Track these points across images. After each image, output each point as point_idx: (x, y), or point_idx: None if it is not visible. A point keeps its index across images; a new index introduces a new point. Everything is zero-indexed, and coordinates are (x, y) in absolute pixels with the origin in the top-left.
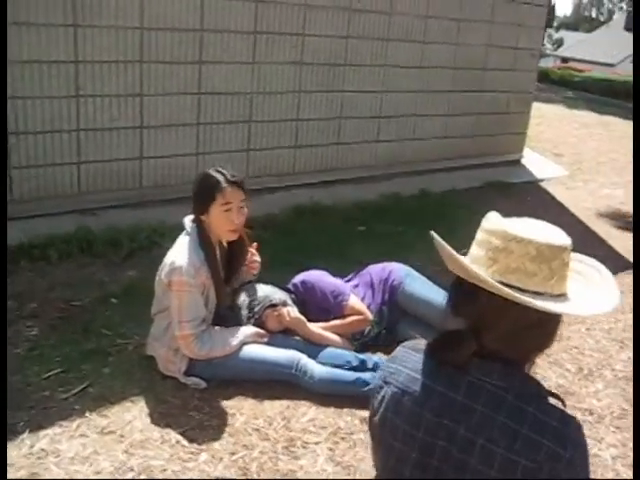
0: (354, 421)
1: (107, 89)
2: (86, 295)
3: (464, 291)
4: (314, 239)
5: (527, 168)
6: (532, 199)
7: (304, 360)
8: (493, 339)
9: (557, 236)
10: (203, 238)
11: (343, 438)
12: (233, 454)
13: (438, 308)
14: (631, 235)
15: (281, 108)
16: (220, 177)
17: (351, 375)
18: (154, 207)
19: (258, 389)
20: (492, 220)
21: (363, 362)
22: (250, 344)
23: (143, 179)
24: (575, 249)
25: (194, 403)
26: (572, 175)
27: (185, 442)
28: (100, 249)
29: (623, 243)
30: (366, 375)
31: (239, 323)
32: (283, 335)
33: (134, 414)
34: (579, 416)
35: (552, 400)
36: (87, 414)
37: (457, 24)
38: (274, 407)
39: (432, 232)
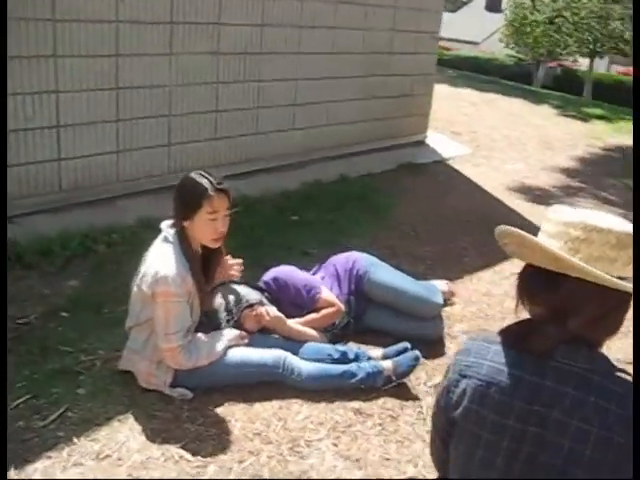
0: (348, 414)
1: (19, 87)
2: (31, 311)
3: (544, 280)
4: (255, 233)
5: (433, 148)
6: (444, 178)
7: (290, 358)
8: (579, 324)
9: (628, 225)
10: (186, 246)
11: (343, 432)
12: (241, 462)
13: (406, 294)
14: (542, 209)
15: (200, 100)
16: (207, 184)
17: (337, 368)
18: (78, 210)
19: (245, 392)
20: (566, 213)
21: (344, 354)
22: (233, 348)
23: (62, 181)
24: (496, 224)
25: (185, 414)
26: (474, 153)
27: (189, 456)
28: (32, 260)
29: (538, 217)
30: (352, 367)
31: (217, 327)
32: (262, 334)
33: (126, 434)
34: None
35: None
36: (75, 440)
37: (364, 9)
38: (266, 409)
39: (503, 226)
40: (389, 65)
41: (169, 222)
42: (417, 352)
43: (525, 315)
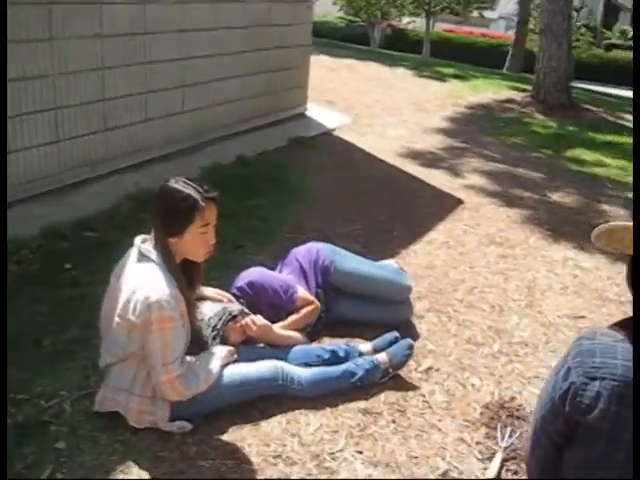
0: (357, 416)
1: None
2: None
3: None
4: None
5: (315, 120)
6: (338, 150)
7: (287, 368)
8: None
9: None
10: (172, 264)
11: (360, 436)
12: None
13: (375, 280)
14: (438, 172)
15: (86, 89)
16: (196, 194)
17: (336, 370)
18: None
19: (245, 412)
20: None
21: (334, 353)
22: (226, 366)
23: None
24: (405, 193)
25: (193, 450)
26: (355, 121)
27: None
28: None
29: (438, 180)
30: (350, 366)
31: (203, 346)
32: (246, 346)
33: None
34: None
35: None
36: None
37: None
38: (274, 426)
39: (609, 224)
40: (269, 38)
41: (144, 237)
42: (410, 340)
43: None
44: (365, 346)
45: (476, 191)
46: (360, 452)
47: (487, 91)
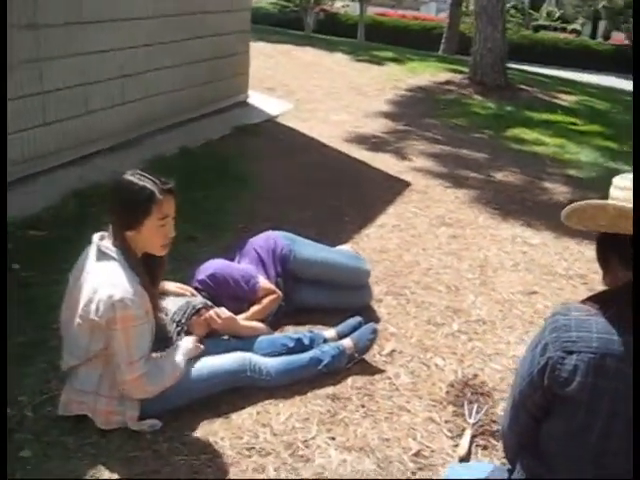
0: (326, 402)
1: None
2: None
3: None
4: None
5: (257, 107)
6: (284, 137)
7: (254, 359)
8: None
9: None
10: (133, 259)
11: (332, 423)
12: None
13: (334, 266)
14: (385, 155)
15: (21, 81)
16: (153, 186)
17: (302, 358)
18: None
19: (214, 406)
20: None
21: (299, 341)
22: (193, 360)
23: None
24: (354, 178)
25: (166, 447)
26: (297, 107)
27: None
28: None
29: (385, 164)
30: (316, 353)
31: (168, 342)
32: (211, 339)
33: None
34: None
35: None
36: None
37: None
38: (245, 418)
39: (579, 203)
40: (207, 26)
41: (102, 234)
42: (373, 325)
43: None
44: (329, 332)
45: (423, 173)
46: (333, 438)
47: (425, 73)
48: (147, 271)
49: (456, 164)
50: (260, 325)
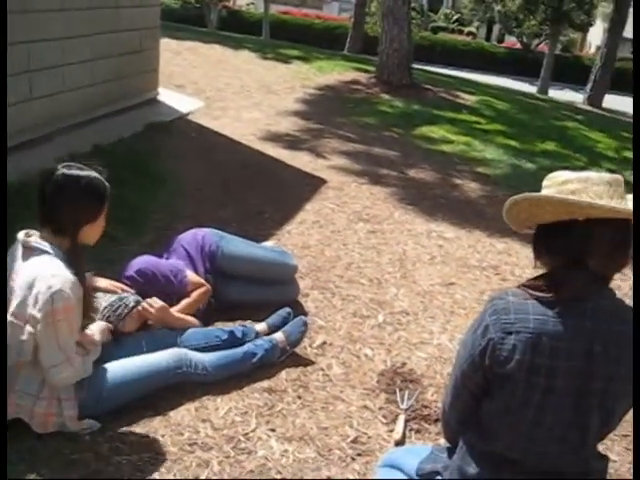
0: (263, 395)
1: None
2: None
3: (559, 231)
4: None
5: (168, 104)
6: (197, 135)
7: (190, 354)
8: (598, 264)
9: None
10: (75, 252)
11: (270, 415)
12: (198, 478)
13: (262, 262)
14: (300, 153)
15: None
16: (102, 178)
17: (237, 352)
18: None
19: (151, 404)
20: (560, 174)
21: (232, 334)
22: (129, 360)
23: None
24: (271, 175)
25: (106, 447)
26: (208, 105)
27: None
28: None
29: (300, 162)
30: (250, 347)
31: None
32: (146, 332)
33: None
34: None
35: None
36: None
37: None
38: (184, 415)
39: (512, 198)
40: (118, 21)
41: (27, 231)
42: (303, 318)
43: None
44: (260, 325)
45: (337, 171)
46: (273, 430)
47: (333, 72)
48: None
49: (369, 162)
50: (192, 318)
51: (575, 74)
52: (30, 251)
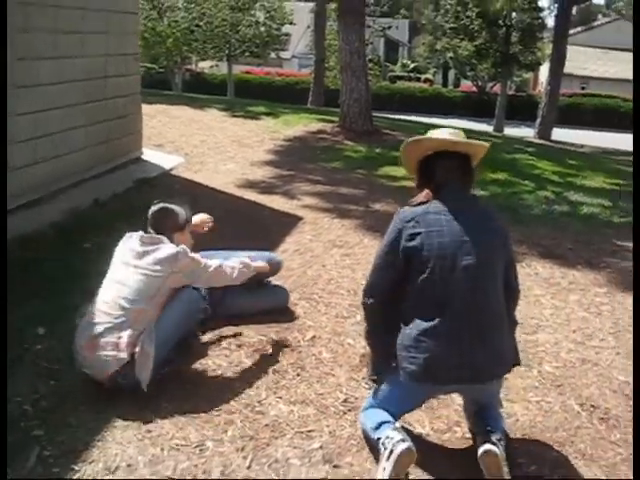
0: (269, 375)
1: None
2: None
3: (430, 165)
4: (50, 286)
5: (152, 162)
6: (181, 187)
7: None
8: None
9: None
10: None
11: (276, 387)
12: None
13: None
14: (275, 197)
15: None
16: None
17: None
18: None
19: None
20: (436, 131)
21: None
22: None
23: None
24: (253, 217)
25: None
26: (189, 160)
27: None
28: None
29: (277, 203)
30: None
31: None
32: None
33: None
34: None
35: None
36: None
37: (81, 37)
38: (212, 392)
39: (406, 140)
40: (105, 89)
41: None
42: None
43: None
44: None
45: (311, 209)
46: (280, 397)
47: (299, 124)
48: None
49: (339, 200)
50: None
51: (529, 111)
52: (148, 240)
